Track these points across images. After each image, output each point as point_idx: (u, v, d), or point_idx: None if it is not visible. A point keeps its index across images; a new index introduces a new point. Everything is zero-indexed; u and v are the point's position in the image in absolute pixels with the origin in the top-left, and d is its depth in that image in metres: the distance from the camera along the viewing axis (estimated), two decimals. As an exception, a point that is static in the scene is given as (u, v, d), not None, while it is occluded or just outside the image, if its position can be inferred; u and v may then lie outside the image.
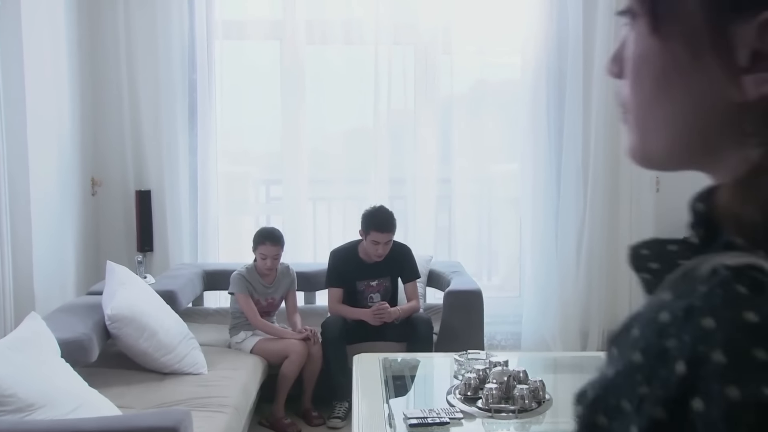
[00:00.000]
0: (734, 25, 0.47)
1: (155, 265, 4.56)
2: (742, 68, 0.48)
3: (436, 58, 4.75)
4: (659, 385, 0.41)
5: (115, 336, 3.20)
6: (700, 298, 0.42)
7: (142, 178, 4.64)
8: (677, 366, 0.41)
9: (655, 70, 0.52)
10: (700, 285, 0.44)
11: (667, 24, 0.50)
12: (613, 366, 0.45)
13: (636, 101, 0.54)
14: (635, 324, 0.46)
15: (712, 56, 0.49)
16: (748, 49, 0.47)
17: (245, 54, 4.83)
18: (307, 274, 4.18)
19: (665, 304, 0.44)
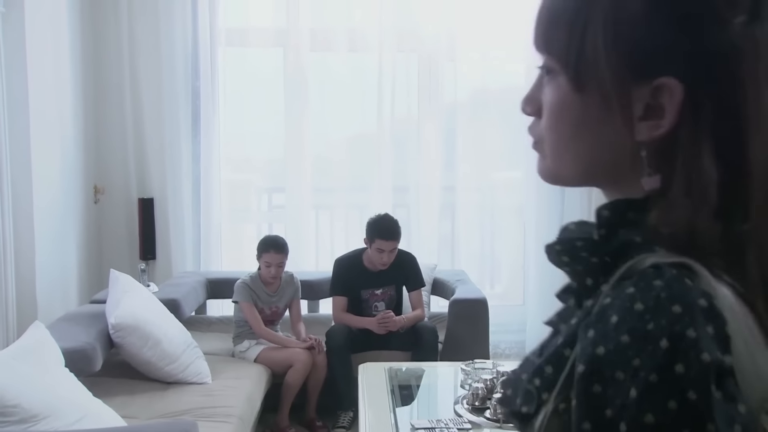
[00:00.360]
0: (635, 87, 0.62)
1: (158, 274, 4.54)
2: (638, 117, 0.63)
3: (440, 66, 4.74)
4: (649, 358, 0.52)
5: (118, 345, 3.17)
6: (664, 290, 0.54)
7: (144, 186, 4.62)
8: (661, 342, 0.52)
9: (574, 117, 0.66)
10: (655, 279, 0.56)
11: (587, 85, 0.64)
12: (597, 345, 0.55)
13: (554, 138, 0.68)
14: (611, 312, 0.56)
15: (617, 109, 0.63)
16: (643, 103, 0.62)
17: (248, 61, 4.82)
18: (311, 282, 4.16)
19: (634, 296, 0.55)
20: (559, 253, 0.68)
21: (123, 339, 3.12)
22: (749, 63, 0.60)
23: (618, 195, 0.67)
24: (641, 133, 0.63)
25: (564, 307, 0.73)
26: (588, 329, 0.57)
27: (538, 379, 0.63)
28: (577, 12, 0.64)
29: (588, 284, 0.66)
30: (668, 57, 0.61)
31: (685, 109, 0.61)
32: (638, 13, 0.61)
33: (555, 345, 0.63)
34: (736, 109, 0.60)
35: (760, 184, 0.60)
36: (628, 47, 0.61)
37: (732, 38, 0.60)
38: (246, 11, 4.75)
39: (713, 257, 0.58)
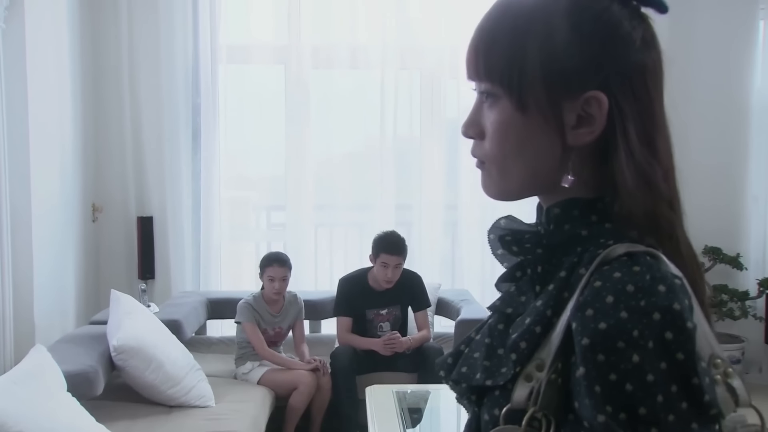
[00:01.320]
0: (566, 101, 0.75)
1: (157, 293, 4.46)
2: (571, 126, 0.75)
3: (442, 83, 4.70)
4: (646, 328, 0.63)
5: (120, 368, 3.09)
6: (647, 273, 0.66)
7: (144, 204, 4.55)
8: (654, 315, 0.64)
9: (518, 134, 0.76)
10: (634, 266, 0.67)
11: (528, 104, 0.75)
12: (599, 321, 0.65)
13: (500, 156, 0.77)
14: (605, 293, 0.66)
15: (553, 122, 0.75)
16: (575, 114, 0.75)
17: (249, 78, 4.78)
18: (312, 301, 4.09)
19: (623, 279, 0.66)
20: (509, 243, 0.82)
21: (125, 362, 3.04)
22: (651, 75, 0.76)
23: (554, 199, 0.79)
24: (575, 140, 0.75)
25: (505, 293, 0.82)
26: (585, 309, 0.66)
27: (514, 354, 0.73)
28: (515, 44, 0.75)
29: (538, 271, 0.78)
30: (594, 74, 0.74)
31: (612, 116, 0.74)
32: (567, 41, 0.74)
33: (524, 324, 0.73)
34: (648, 112, 0.75)
35: (666, 173, 0.76)
36: (561, 68, 0.74)
37: (639, 56, 0.75)
38: (247, 28, 4.71)
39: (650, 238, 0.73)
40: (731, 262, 4.62)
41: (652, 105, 0.76)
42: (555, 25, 0.74)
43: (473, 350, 0.82)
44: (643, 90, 0.75)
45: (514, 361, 0.73)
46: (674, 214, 0.76)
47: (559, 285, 0.73)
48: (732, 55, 4.77)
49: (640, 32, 0.76)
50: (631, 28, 0.75)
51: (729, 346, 4.51)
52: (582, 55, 0.74)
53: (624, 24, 0.75)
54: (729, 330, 4.69)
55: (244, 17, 4.71)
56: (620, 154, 0.74)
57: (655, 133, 0.76)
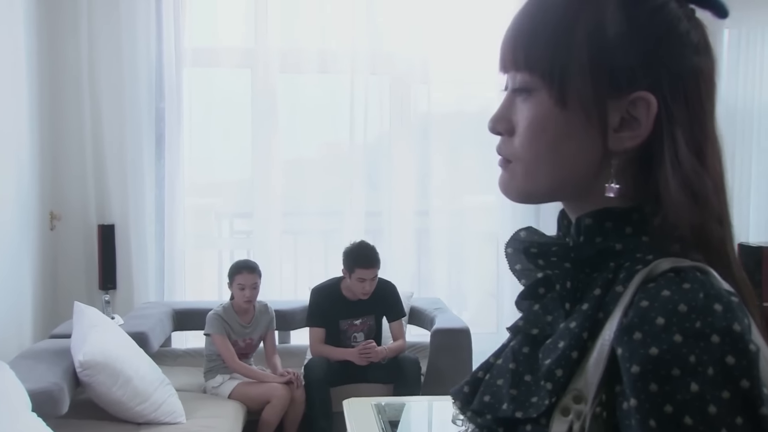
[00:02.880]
0: (611, 100, 0.68)
1: (119, 304, 4.28)
2: (614, 129, 0.69)
3: (413, 89, 4.65)
4: (704, 353, 0.57)
5: (85, 384, 2.94)
6: (700, 291, 0.59)
7: (104, 212, 4.38)
8: (712, 338, 0.57)
9: (554, 132, 0.70)
10: (683, 283, 0.61)
11: (569, 99, 0.69)
12: (649, 346, 0.58)
13: (530, 155, 0.71)
14: (654, 314, 0.59)
15: (596, 121, 0.68)
16: (620, 116, 0.68)
17: (215, 82, 4.64)
18: (282, 311, 3.98)
19: (673, 299, 0.59)
20: (535, 256, 0.73)
21: (91, 378, 2.89)
22: (705, 82, 0.70)
23: (583, 207, 0.72)
24: (616, 144, 0.69)
25: (528, 311, 0.75)
26: (632, 332, 0.60)
27: (549, 383, 0.65)
28: (561, 31, 0.69)
29: (568, 288, 0.70)
30: (645, 73, 0.68)
31: (660, 120, 0.67)
32: (619, 32, 0.68)
33: (557, 349, 0.66)
34: (700, 120, 0.69)
35: (715, 186, 0.69)
36: (609, 63, 0.67)
37: (695, 60, 0.69)
38: (213, 31, 4.59)
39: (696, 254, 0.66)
40: (699, 269, 4.65)
41: (704, 113, 0.69)
42: (607, 14, 0.68)
43: (495, 376, 0.75)
44: (696, 96, 0.69)
45: (549, 391, 0.65)
46: (724, 230, 0.69)
47: (593, 304, 0.66)
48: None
49: (697, 35, 0.70)
50: (689, 29, 0.70)
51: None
52: (634, 50, 0.68)
53: (682, 23, 0.70)
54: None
55: (209, 19, 4.59)
56: (666, 163, 0.67)
57: (705, 143, 0.69)
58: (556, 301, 0.72)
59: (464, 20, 4.58)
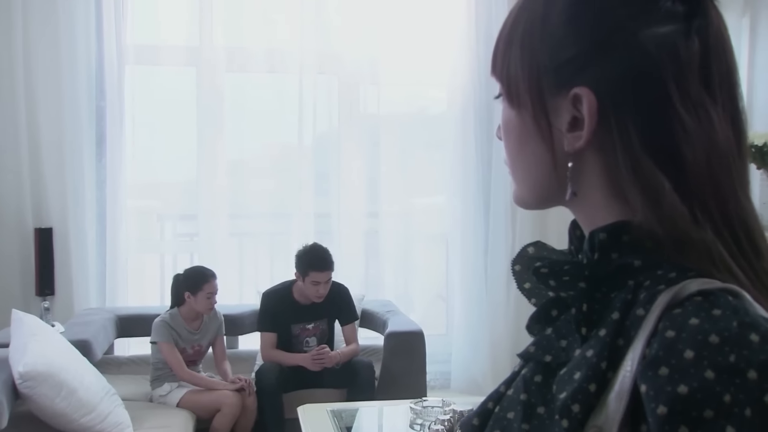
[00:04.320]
0: (555, 99, 0.63)
1: (58, 311, 4.10)
2: (566, 129, 0.63)
3: (362, 89, 4.60)
4: (740, 392, 0.49)
5: (26, 396, 2.79)
6: (733, 319, 0.52)
7: (42, 215, 4.20)
8: (749, 374, 0.50)
9: (516, 135, 0.67)
10: (713, 309, 0.53)
11: (516, 100, 0.66)
12: (678, 383, 0.51)
13: (509, 159, 0.70)
14: (682, 347, 0.52)
15: (543, 121, 0.64)
16: (569, 115, 0.62)
17: (158, 81, 4.51)
18: (231, 316, 3.87)
19: (703, 328, 0.52)
20: (546, 276, 0.66)
21: (32, 389, 2.75)
22: (679, 63, 0.59)
23: (595, 218, 0.65)
24: (569, 145, 0.63)
25: (540, 336, 0.68)
26: (658, 367, 0.53)
27: (566, 421, 0.58)
28: (509, 34, 0.67)
29: (584, 311, 0.62)
30: (583, 65, 0.61)
31: (606, 118, 0.61)
32: (555, 27, 0.63)
33: (573, 380, 0.59)
34: (664, 108, 0.59)
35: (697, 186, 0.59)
36: (544, 56, 0.63)
37: (648, 49, 0.59)
38: (156, 27, 4.45)
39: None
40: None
41: (670, 97, 0.59)
42: (548, 5, 0.63)
43: (505, 409, 0.67)
44: (659, 83, 0.59)
45: (565, 429, 0.58)
46: (706, 233, 0.59)
47: (612, 329, 0.59)
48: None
49: (677, 5, 0.60)
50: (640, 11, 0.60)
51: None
52: (569, 43, 0.62)
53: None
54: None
55: (152, 16, 4.45)
56: (618, 162, 0.60)
57: (676, 132, 0.59)
58: (570, 324, 0.64)
59: (414, 21, 4.56)
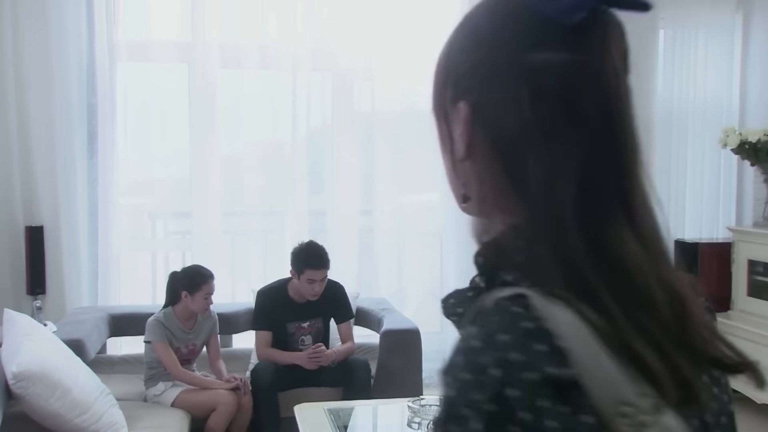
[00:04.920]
0: (451, 110, 0.66)
1: (49, 310, 4.07)
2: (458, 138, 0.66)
3: (356, 85, 4.58)
4: (485, 389, 0.54)
5: (19, 397, 2.75)
6: (495, 323, 0.56)
7: (33, 213, 4.16)
8: (493, 371, 0.54)
9: (439, 142, 0.70)
10: (493, 315, 0.57)
11: (434, 111, 0.70)
12: (451, 388, 0.56)
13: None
14: (458, 355, 0.57)
15: (447, 130, 0.68)
16: (460, 126, 0.65)
17: (151, 77, 4.46)
18: (225, 315, 3.84)
19: (473, 334, 0.57)
20: (454, 306, 0.68)
21: (26, 390, 2.71)
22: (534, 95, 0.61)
23: (475, 223, 0.68)
24: (456, 153, 0.66)
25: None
26: (442, 375, 0.58)
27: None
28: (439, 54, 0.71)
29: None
30: (468, 83, 0.65)
31: (480, 132, 0.64)
32: (458, 47, 0.67)
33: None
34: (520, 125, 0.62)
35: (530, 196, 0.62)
36: (450, 75, 0.67)
37: (523, 73, 0.62)
38: (148, 24, 4.40)
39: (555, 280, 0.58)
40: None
41: (530, 127, 0.61)
42: (458, 30, 0.69)
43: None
44: (525, 105, 0.61)
45: None
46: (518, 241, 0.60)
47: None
48: (634, 63, 4.87)
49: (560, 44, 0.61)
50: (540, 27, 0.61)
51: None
52: (465, 57, 0.66)
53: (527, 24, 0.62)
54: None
55: (144, 12, 4.40)
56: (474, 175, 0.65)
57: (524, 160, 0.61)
58: None
59: (407, 17, 4.54)
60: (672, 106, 4.94)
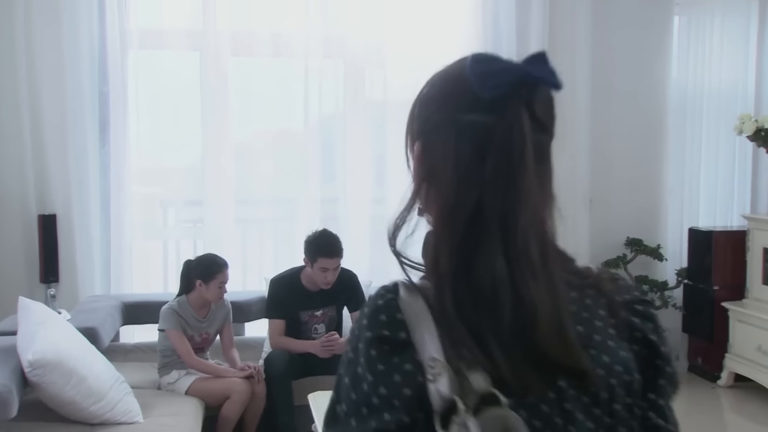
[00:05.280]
0: (413, 148, 0.90)
1: (62, 298, 4.07)
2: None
3: (368, 73, 4.54)
4: (352, 341, 0.82)
5: (35, 384, 2.76)
6: (370, 300, 0.83)
7: (45, 201, 4.16)
8: (356, 332, 0.82)
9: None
10: (374, 294, 0.84)
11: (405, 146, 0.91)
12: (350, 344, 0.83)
13: None
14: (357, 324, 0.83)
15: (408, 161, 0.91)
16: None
17: (163, 65, 4.44)
18: (238, 303, 3.84)
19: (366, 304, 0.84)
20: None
21: (42, 378, 2.72)
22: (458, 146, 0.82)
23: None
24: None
25: None
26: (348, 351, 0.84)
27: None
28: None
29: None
30: (420, 129, 0.88)
31: (423, 165, 0.86)
32: (418, 103, 0.90)
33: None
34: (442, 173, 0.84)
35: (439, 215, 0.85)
36: (413, 125, 0.89)
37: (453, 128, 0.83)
38: (159, 11, 4.37)
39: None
40: (652, 254, 4.71)
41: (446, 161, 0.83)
42: (419, 94, 0.91)
43: None
44: (452, 148, 0.82)
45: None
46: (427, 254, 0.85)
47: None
48: (649, 50, 4.86)
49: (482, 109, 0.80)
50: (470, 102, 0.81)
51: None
52: (419, 113, 0.89)
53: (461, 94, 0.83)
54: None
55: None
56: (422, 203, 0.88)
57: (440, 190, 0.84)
58: None
59: (420, 4, 4.50)
60: (686, 92, 4.90)
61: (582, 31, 4.61)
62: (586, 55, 4.60)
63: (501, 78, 0.79)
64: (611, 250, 4.75)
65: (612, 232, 4.77)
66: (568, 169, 4.60)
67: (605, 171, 4.74)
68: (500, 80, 0.79)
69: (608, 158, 4.77)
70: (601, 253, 4.73)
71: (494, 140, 0.79)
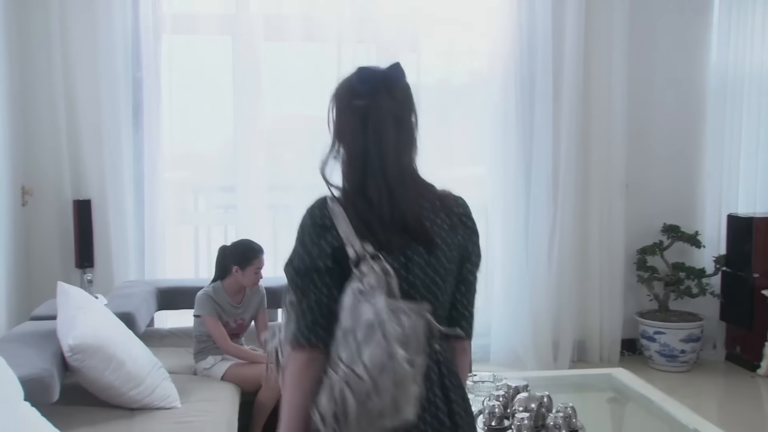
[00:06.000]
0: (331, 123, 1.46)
1: (97, 283, 4.09)
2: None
3: (401, 57, 4.47)
4: (300, 230, 1.37)
5: (75, 369, 2.76)
6: (312, 204, 1.38)
7: (80, 187, 4.18)
8: (300, 223, 1.37)
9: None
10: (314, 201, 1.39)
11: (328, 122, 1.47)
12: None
13: None
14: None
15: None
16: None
17: (195, 50, 4.44)
18: (272, 289, 3.81)
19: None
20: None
21: (82, 362, 2.72)
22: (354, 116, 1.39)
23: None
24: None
25: None
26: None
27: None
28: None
29: None
30: (335, 107, 1.43)
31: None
32: (335, 92, 1.45)
33: None
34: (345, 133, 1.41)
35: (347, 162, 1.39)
36: (330, 105, 1.44)
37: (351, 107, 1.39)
38: (192, -5, 4.36)
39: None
40: (689, 240, 4.63)
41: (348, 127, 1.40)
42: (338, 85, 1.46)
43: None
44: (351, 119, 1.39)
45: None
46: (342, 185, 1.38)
47: None
48: (688, 33, 4.76)
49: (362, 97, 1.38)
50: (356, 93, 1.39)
51: (687, 324, 4.52)
52: (335, 99, 1.44)
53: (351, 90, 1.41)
54: (687, 308, 4.71)
55: (189, -16, 4.36)
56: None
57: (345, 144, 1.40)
58: None
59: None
60: (726, 75, 4.79)
61: (619, 15, 4.52)
62: (623, 40, 4.51)
63: (371, 79, 1.38)
64: (647, 237, 4.68)
65: (648, 218, 4.70)
66: (604, 155, 4.53)
67: (642, 157, 4.66)
68: (371, 80, 1.38)
69: (645, 144, 4.70)
70: (637, 240, 4.66)
71: (370, 115, 1.35)
